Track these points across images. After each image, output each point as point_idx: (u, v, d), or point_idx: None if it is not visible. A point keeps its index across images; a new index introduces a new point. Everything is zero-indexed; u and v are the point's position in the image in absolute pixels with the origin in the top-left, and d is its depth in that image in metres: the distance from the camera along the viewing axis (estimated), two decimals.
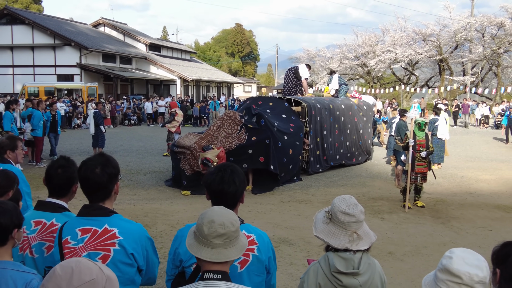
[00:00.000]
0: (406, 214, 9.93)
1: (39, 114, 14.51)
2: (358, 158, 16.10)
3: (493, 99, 39.76)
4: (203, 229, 2.15)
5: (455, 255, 2.09)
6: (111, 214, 2.78)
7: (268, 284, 2.95)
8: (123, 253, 2.69)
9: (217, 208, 2.27)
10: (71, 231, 2.73)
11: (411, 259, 7.25)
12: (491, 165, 16.26)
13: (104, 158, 2.82)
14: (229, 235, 2.14)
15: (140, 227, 2.85)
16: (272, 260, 2.95)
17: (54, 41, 37.19)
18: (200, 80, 48.33)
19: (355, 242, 2.63)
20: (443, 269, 2.08)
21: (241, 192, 2.83)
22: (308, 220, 9.12)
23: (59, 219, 3.12)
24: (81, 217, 2.78)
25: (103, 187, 2.77)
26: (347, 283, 2.58)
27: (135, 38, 48.16)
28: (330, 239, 2.65)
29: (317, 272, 2.66)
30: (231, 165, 2.89)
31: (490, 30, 39.52)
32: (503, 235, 8.53)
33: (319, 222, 2.78)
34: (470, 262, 2.06)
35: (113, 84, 37.67)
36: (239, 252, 2.19)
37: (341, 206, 2.68)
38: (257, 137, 11.59)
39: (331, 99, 15.63)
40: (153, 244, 2.91)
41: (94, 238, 2.69)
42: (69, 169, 3.18)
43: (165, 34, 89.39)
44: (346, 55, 49.30)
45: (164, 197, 11.07)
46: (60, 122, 16.98)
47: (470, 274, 2.01)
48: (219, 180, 2.76)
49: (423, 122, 10.60)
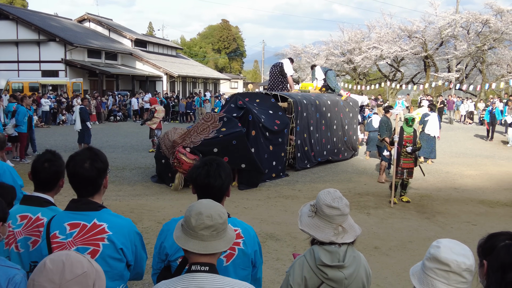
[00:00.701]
0: (392, 209, 10.01)
1: (24, 110, 14.37)
2: (344, 154, 16.17)
3: (478, 96, 40.10)
4: (191, 221, 2.15)
5: (443, 244, 2.13)
6: (100, 208, 2.77)
7: (254, 278, 2.96)
8: (112, 248, 2.67)
9: (205, 200, 2.28)
10: (59, 225, 2.71)
11: (396, 254, 7.30)
12: (476, 161, 16.43)
13: (92, 153, 2.81)
14: (216, 227, 2.15)
15: (129, 222, 2.84)
16: (258, 254, 2.96)
17: (38, 37, 36.81)
18: (186, 76, 48.15)
19: (340, 235, 2.65)
20: (431, 257, 2.12)
21: (227, 185, 2.84)
22: (294, 216, 9.14)
23: (45, 213, 3.09)
24: (69, 211, 2.76)
25: (92, 181, 2.75)
26: (332, 276, 2.60)
27: (120, 34, 47.82)
28: (316, 232, 2.67)
29: (303, 265, 2.68)
30: (216, 159, 2.90)
31: (475, 27, 39.84)
32: (488, 230, 8.54)
33: (304, 216, 2.80)
34: (457, 251, 2.10)
35: (98, 80, 37.38)
36: (226, 244, 2.19)
37: (326, 199, 2.70)
38: (224, 136, 11.41)
39: (318, 94, 15.66)
40: (141, 239, 2.91)
41: (83, 233, 2.67)
42: (55, 163, 3.15)
43: (151, 30, 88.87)
44: (332, 52, 49.43)
45: (150, 193, 11.04)
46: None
47: (457, 262, 2.06)
48: (205, 174, 2.77)
49: (411, 118, 10.67)
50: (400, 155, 10.46)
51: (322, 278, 2.61)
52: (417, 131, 11.12)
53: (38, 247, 3.04)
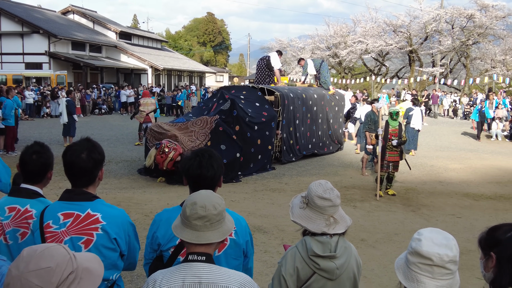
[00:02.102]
0: (378, 202, 10.08)
1: (10, 103, 14.21)
2: (329, 147, 16.23)
3: (462, 90, 40.45)
4: (186, 211, 2.18)
5: (423, 236, 2.11)
6: (93, 199, 2.77)
7: (246, 268, 2.98)
8: (106, 237, 2.68)
9: (203, 191, 2.30)
10: (53, 215, 2.71)
11: (383, 246, 7.36)
12: (460, 155, 16.59)
13: (90, 144, 2.81)
14: (210, 217, 2.15)
15: (123, 213, 2.85)
16: (249, 244, 2.99)
17: (22, 29, 36.41)
18: (172, 69, 47.96)
19: (332, 226, 2.67)
20: (413, 252, 2.10)
21: (219, 176, 2.87)
22: (281, 208, 9.18)
23: (33, 205, 3.07)
24: (63, 201, 2.75)
25: (88, 172, 2.75)
26: (324, 266, 2.62)
27: (105, 26, 47.43)
28: (307, 223, 2.69)
29: (295, 256, 2.69)
30: (208, 150, 2.92)
31: (459, 21, 40.08)
32: (472, 223, 8.75)
33: (295, 207, 2.81)
34: (439, 242, 2.08)
35: (82, 72, 37.12)
36: (221, 236, 2.20)
37: (318, 190, 2.72)
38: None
39: (304, 88, 15.69)
40: (135, 229, 2.92)
41: (76, 223, 2.67)
42: (44, 155, 3.14)
43: (136, 23, 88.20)
44: (318, 46, 49.48)
45: (137, 186, 10.99)
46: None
47: (440, 255, 2.04)
48: (197, 165, 2.79)
49: (395, 112, 10.73)
50: (386, 148, 10.53)
51: (314, 269, 2.64)
52: (402, 125, 11.18)
53: (27, 239, 3.03)
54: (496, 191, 11.30)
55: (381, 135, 10.49)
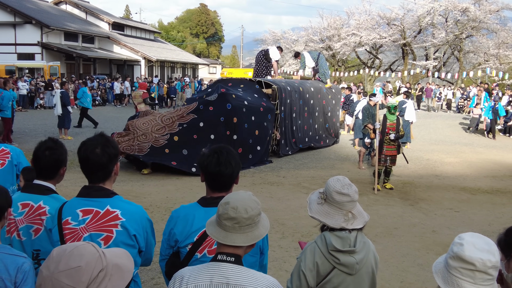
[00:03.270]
0: (376, 196, 10.11)
1: (8, 94, 14.08)
2: (326, 140, 16.25)
3: (455, 83, 40.56)
4: (219, 209, 2.19)
5: (465, 241, 2.07)
6: (112, 195, 2.76)
7: (261, 265, 2.99)
8: (125, 234, 2.68)
9: (242, 192, 2.29)
10: (71, 212, 2.69)
11: (383, 240, 7.38)
12: (455, 148, 16.68)
13: (104, 139, 2.79)
14: (239, 220, 2.14)
15: (141, 209, 2.84)
16: (265, 241, 3.03)
17: (14, 19, 36.06)
18: (165, 60, 47.75)
19: (350, 221, 2.70)
20: (455, 256, 2.06)
21: (237, 173, 2.87)
22: (280, 202, 9.20)
23: (46, 201, 3.06)
24: (81, 197, 2.74)
25: (103, 167, 2.73)
26: (344, 261, 2.64)
27: (97, 17, 47.06)
28: (326, 219, 2.70)
29: (314, 251, 2.71)
30: (226, 147, 2.91)
31: (453, 15, 40.10)
32: (471, 217, 8.80)
33: (313, 203, 2.82)
34: (481, 247, 2.04)
35: (75, 63, 36.87)
36: (249, 240, 2.18)
37: (336, 186, 2.73)
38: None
39: (301, 81, 15.68)
40: (152, 225, 2.92)
41: (96, 219, 2.66)
42: (56, 151, 3.12)
43: (128, 13, 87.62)
44: (311, 38, 49.38)
45: (135, 179, 10.95)
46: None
47: (483, 260, 2.00)
48: (215, 162, 2.78)
49: (393, 106, 10.73)
50: (383, 142, 10.55)
51: (334, 263, 2.65)
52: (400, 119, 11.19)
53: (41, 235, 3.03)
54: (492, 185, 11.37)
55: (378, 129, 10.51)
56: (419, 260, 6.57)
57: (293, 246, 6.84)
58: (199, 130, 11.59)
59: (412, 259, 6.59)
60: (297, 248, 6.81)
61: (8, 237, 3.04)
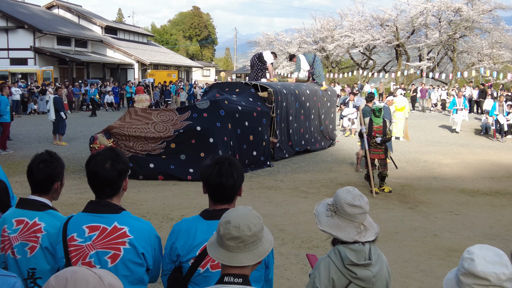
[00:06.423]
0: (375, 199, 9.99)
1: (5, 99, 13.93)
2: (321, 143, 16.15)
3: (449, 84, 40.63)
4: (220, 229, 2.07)
5: (475, 255, 1.97)
6: (120, 211, 2.67)
7: (266, 279, 2.90)
8: (133, 252, 2.58)
9: (241, 208, 2.17)
10: (77, 228, 2.59)
11: (384, 245, 7.26)
12: (452, 149, 16.60)
13: (114, 153, 2.70)
14: (243, 239, 2.02)
15: (149, 226, 2.76)
16: (270, 255, 2.91)
17: (6, 24, 35.89)
18: (158, 64, 47.62)
19: (363, 234, 2.60)
20: (467, 273, 1.96)
21: (239, 185, 2.76)
22: (279, 207, 9.09)
23: (42, 218, 2.92)
24: (88, 213, 2.64)
25: (112, 183, 2.65)
26: (361, 275, 2.55)
27: (90, 21, 46.91)
28: (338, 232, 2.60)
29: (329, 267, 2.60)
30: (228, 158, 2.80)
31: (446, 15, 40.22)
32: (471, 220, 8.70)
33: (322, 215, 2.71)
34: (492, 260, 1.95)
35: (68, 68, 36.72)
36: (255, 258, 2.06)
37: (347, 198, 2.62)
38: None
39: (297, 84, 15.60)
40: (160, 242, 2.82)
41: (103, 236, 2.56)
42: (51, 165, 2.97)
43: (121, 17, 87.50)
44: (305, 40, 49.48)
45: (131, 185, 10.77)
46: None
47: (497, 274, 1.91)
48: (216, 173, 2.68)
49: (378, 108, 10.65)
50: (370, 146, 10.52)
51: (350, 278, 2.55)
52: (387, 122, 11.09)
53: (37, 253, 2.90)
54: (491, 187, 11.29)
55: (365, 133, 10.47)
56: (422, 265, 6.46)
57: (294, 253, 6.73)
58: (197, 134, 11.42)
59: (414, 265, 6.49)
60: (298, 255, 6.70)
61: (3, 255, 2.92)
